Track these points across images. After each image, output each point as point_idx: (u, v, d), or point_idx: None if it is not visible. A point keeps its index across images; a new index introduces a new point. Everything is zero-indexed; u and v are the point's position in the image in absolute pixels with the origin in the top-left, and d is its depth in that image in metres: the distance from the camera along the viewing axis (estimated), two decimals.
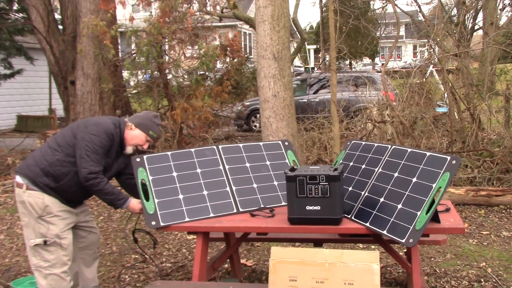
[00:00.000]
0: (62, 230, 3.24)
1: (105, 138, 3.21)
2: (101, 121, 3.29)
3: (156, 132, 3.39)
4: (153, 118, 3.40)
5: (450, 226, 2.90)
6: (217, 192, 3.33)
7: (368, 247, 4.75)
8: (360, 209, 3.04)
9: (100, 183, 3.16)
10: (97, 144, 3.17)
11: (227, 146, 3.64)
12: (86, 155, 3.13)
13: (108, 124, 3.27)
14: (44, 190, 3.20)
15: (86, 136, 3.17)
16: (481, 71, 9.58)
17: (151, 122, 3.37)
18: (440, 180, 2.78)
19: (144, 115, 3.41)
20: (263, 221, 3.09)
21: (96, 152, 3.16)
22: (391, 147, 3.26)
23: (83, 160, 3.13)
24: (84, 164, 3.13)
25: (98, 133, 3.19)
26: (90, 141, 3.16)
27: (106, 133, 3.22)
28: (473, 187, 6.19)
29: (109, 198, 3.23)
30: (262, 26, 6.10)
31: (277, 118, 6.12)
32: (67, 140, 3.23)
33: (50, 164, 3.19)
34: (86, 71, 8.73)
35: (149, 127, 3.35)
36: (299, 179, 2.90)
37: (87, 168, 3.13)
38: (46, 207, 3.20)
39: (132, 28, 8.44)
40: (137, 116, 3.42)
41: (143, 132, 3.34)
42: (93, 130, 3.20)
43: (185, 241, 5.20)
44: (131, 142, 3.34)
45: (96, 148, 3.16)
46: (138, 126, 3.33)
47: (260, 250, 4.84)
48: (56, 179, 3.21)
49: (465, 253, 4.61)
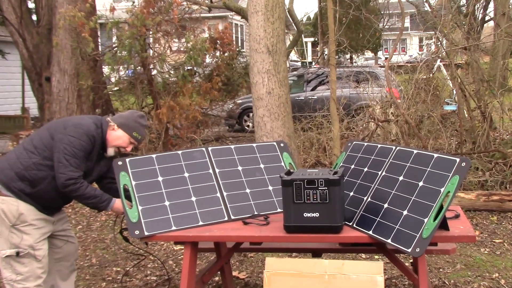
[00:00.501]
0: (37, 241, 3.21)
1: (85, 140, 3.18)
2: (81, 121, 3.26)
3: (140, 133, 3.37)
4: (138, 118, 3.39)
5: (460, 234, 2.91)
6: (206, 198, 3.32)
7: (371, 257, 4.76)
8: (362, 216, 3.04)
9: (80, 188, 3.14)
10: (77, 147, 3.14)
11: (218, 148, 3.64)
12: (65, 159, 3.10)
13: (89, 125, 3.24)
14: (19, 196, 3.16)
15: (64, 138, 3.14)
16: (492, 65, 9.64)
17: (136, 123, 3.36)
18: (448, 184, 2.79)
19: (129, 115, 3.39)
20: (257, 229, 3.09)
21: (76, 156, 3.14)
22: (395, 148, 3.27)
23: (61, 165, 3.10)
24: (62, 170, 3.10)
25: (78, 135, 3.16)
26: (69, 143, 3.13)
27: (87, 135, 3.19)
28: (484, 192, 6.22)
29: (92, 202, 3.21)
30: (255, 17, 6.11)
31: (271, 117, 6.12)
32: (44, 142, 3.21)
33: (26, 167, 3.16)
34: (62, 66, 8.69)
35: (133, 128, 3.34)
36: (296, 183, 2.90)
37: (66, 174, 3.10)
38: (20, 215, 3.16)
39: (113, 20, 8.42)
40: (121, 115, 3.41)
41: (126, 133, 3.33)
42: (72, 132, 3.16)
43: (172, 251, 5.19)
44: (113, 143, 3.32)
45: (75, 151, 3.14)
46: (121, 126, 3.32)
47: (253, 261, 4.83)
48: (32, 184, 3.17)
49: (476, 263, 4.63)
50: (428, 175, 2.93)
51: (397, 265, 3.24)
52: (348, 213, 3.10)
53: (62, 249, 3.47)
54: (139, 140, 3.39)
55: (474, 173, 6.81)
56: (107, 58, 8.14)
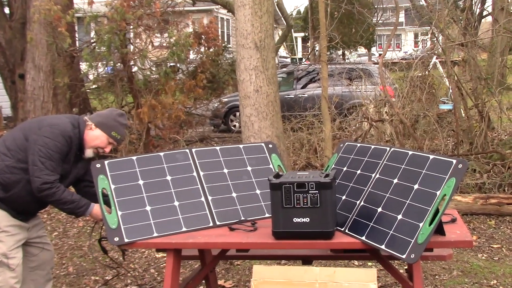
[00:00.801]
0: (10, 248, 3.18)
1: (62, 141, 3.15)
2: (57, 121, 3.23)
3: (120, 133, 3.35)
4: (118, 117, 3.36)
5: (457, 239, 2.93)
6: (190, 202, 3.31)
7: (364, 264, 4.78)
8: (355, 220, 3.05)
9: (56, 193, 3.12)
10: (53, 149, 3.11)
11: (202, 149, 3.63)
12: (40, 162, 3.07)
13: (66, 125, 3.21)
14: None
15: (39, 139, 3.11)
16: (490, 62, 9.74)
17: (115, 122, 3.33)
18: (445, 186, 2.81)
19: (108, 113, 3.37)
20: (244, 236, 3.09)
21: (52, 158, 3.11)
22: (390, 149, 3.28)
23: (36, 168, 3.07)
24: (37, 173, 3.07)
25: (53, 136, 3.13)
26: (44, 145, 3.10)
27: (63, 136, 3.16)
28: (482, 195, 6.28)
29: (69, 208, 3.19)
30: (242, 10, 6.11)
31: (259, 117, 6.12)
32: (17, 143, 3.18)
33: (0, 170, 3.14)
34: (37, 63, 8.63)
35: (112, 127, 3.32)
36: (285, 187, 2.90)
37: (41, 178, 3.07)
38: None
39: (91, 13, 8.36)
40: (99, 114, 3.39)
41: (105, 133, 3.31)
42: (47, 133, 3.13)
43: (154, 259, 5.17)
44: (91, 144, 3.30)
45: (51, 153, 3.11)
46: (99, 125, 3.30)
47: (240, 270, 4.83)
48: (5, 188, 3.15)
49: (473, 270, 4.66)
50: (424, 178, 2.94)
51: (391, 272, 3.25)
52: (340, 218, 3.11)
53: (37, 257, 3.44)
54: (119, 140, 3.38)
55: (471, 175, 6.87)
56: (84, 54, 8.09)
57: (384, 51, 8.71)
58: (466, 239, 2.93)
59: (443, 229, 2.94)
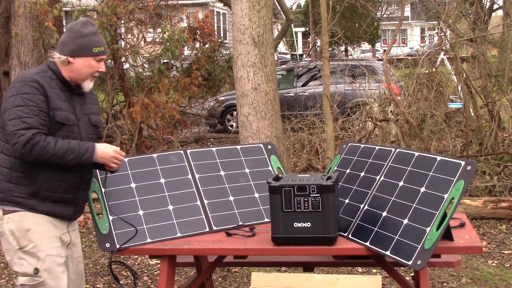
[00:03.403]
0: (57, 262, 2.90)
1: (27, 90, 2.82)
2: (18, 77, 2.95)
3: (99, 43, 2.99)
4: (82, 29, 2.97)
5: (465, 245, 2.94)
6: (185, 206, 3.32)
7: (369, 271, 4.79)
8: (358, 225, 3.06)
9: (45, 146, 2.77)
10: (20, 103, 2.79)
11: (197, 150, 3.64)
12: (11, 124, 2.76)
13: (26, 73, 2.94)
14: (25, 206, 2.85)
15: (6, 103, 2.83)
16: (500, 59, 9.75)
17: (85, 37, 2.95)
18: (453, 189, 2.82)
19: (70, 34, 2.97)
20: (242, 241, 3.10)
21: (30, 113, 2.78)
22: (395, 150, 3.29)
23: (9, 133, 2.76)
24: (13, 138, 2.74)
25: (16, 91, 2.83)
26: (11, 104, 2.80)
27: (27, 84, 2.83)
28: (492, 198, 6.29)
29: (71, 158, 2.83)
30: (239, 4, 6.12)
31: (258, 116, 6.13)
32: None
33: (11, 166, 2.86)
34: (23, 59, 8.61)
35: (87, 45, 2.96)
36: (285, 190, 2.91)
37: (19, 140, 2.73)
38: (27, 231, 2.85)
39: (80, 7, 8.37)
40: (62, 42, 2.99)
41: (86, 57, 2.96)
42: (10, 91, 2.85)
43: (147, 266, 5.17)
44: (81, 76, 2.99)
45: (20, 109, 2.78)
46: (73, 53, 2.94)
47: (238, 277, 4.84)
48: (30, 179, 2.86)
49: (483, 277, 4.68)
50: (431, 180, 2.95)
51: (396, 280, 3.26)
52: (343, 223, 3.12)
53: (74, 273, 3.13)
54: (105, 51, 3.04)
55: (481, 178, 6.88)
56: None
57: (389, 47, 8.73)
58: (475, 244, 2.94)
59: (451, 234, 2.95)
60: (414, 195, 2.95)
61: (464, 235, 3.05)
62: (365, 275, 4.65)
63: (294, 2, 23.08)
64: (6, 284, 4.88)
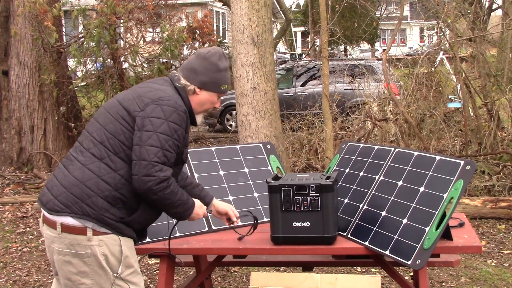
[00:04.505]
0: (143, 286, 2.72)
1: (177, 120, 2.56)
2: (161, 92, 2.61)
3: (227, 81, 2.81)
4: (218, 62, 2.76)
5: (465, 244, 2.94)
6: None
7: (368, 271, 4.79)
8: (357, 225, 3.06)
9: (173, 191, 2.57)
10: (168, 133, 2.52)
11: (197, 150, 3.63)
12: (152, 153, 2.49)
13: (176, 96, 2.63)
14: (119, 230, 2.58)
15: (146, 122, 2.52)
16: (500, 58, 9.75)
17: (219, 72, 2.75)
18: (452, 189, 2.82)
19: (205, 64, 2.74)
20: (241, 241, 3.09)
21: (171, 148, 2.54)
22: (394, 150, 3.29)
23: (146, 164, 2.48)
24: (147, 170, 2.47)
25: (165, 115, 2.53)
26: (155, 129, 2.51)
27: (177, 112, 2.56)
28: (491, 197, 6.29)
29: (178, 211, 2.66)
30: (238, 3, 6.11)
31: (257, 116, 6.13)
32: (120, 139, 2.57)
33: (115, 186, 2.55)
34: (22, 59, 8.62)
35: (219, 81, 2.76)
36: (284, 189, 2.91)
37: (155, 176, 2.48)
38: (125, 258, 2.60)
39: (79, 7, 8.36)
40: (193, 69, 2.74)
41: (213, 92, 2.77)
42: (157, 112, 2.53)
43: (146, 266, 5.17)
44: (200, 109, 2.79)
45: (166, 139, 2.52)
46: (204, 86, 2.73)
47: (237, 276, 4.84)
48: (130, 207, 2.59)
49: (482, 276, 4.68)
50: (430, 180, 2.96)
51: (396, 279, 3.26)
52: (342, 222, 3.12)
53: None
54: (227, 90, 2.85)
55: (480, 177, 6.88)
56: (72, 50, 8.09)
57: (388, 47, 8.73)
58: (474, 244, 2.94)
59: (451, 234, 2.96)
60: (413, 194, 2.96)
61: (463, 234, 3.05)
62: (364, 274, 4.65)
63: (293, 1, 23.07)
64: (5, 284, 4.88)
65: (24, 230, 6.31)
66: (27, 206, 7.21)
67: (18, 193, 7.82)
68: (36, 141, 8.72)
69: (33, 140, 8.73)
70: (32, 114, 8.69)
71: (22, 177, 8.52)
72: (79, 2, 8.60)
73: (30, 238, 6.06)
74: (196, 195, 2.95)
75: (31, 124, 8.71)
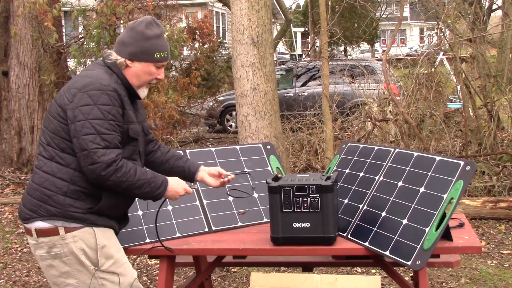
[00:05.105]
0: (134, 276, 2.70)
1: (106, 101, 2.51)
2: (87, 78, 2.55)
3: (163, 49, 2.66)
4: (146, 30, 2.62)
5: (465, 245, 2.94)
6: (184, 207, 3.32)
7: (368, 271, 4.79)
8: (357, 225, 3.06)
9: (126, 173, 2.51)
10: (99, 116, 2.48)
11: (196, 150, 3.63)
12: (90, 141, 2.46)
13: (101, 77, 2.56)
14: (83, 221, 2.56)
15: (77, 113, 2.49)
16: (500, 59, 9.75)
17: (148, 41, 2.62)
18: (452, 189, 2.82)
19: (131, 35, 2.64)
20: (241, 242, 3.09)
21: (109, 129, 2.50)
22: (394, 150, 3.29)
23: (86, 153, 2.45)
24: (91, 158, 2.45)
25: (94, 100, 2.49)
26: (86, 116, 2.47)
27: (105, 93, 2.51)
28: (491, 198, 6.29)
29: (146, 191, 2.60)
30: (238, 4, 6.11)
31: (257, 116, 6.13)
32: (56, 132, 2.58)
33: (71, 179, 2.55)
34: (22, 59, 8.62)
35: (150, 49, 2.63)
36: (284, 190, 2.91)
37: (99, 161, 2.44)
38: (103, 247, 2.60)
39: (79, 7, 8.36)
40: (121, 41, 2.65)
41: (147, 62, 2.65)
42: (83, 99, 2.49)
43: (146, 266, 5.17)
44: (139, 82, 2.68)
45: (100, 123, 2.48)
46: (134, 57, 2.63)
47: (237, 277, 4.84)
48: (91, 195, 2.58)
49: (482, 277, 4.68)
50: (430, 180, 2.96)
51: (395, 280, 3.26)
52: (342, 223, 3.12)
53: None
54: (167, 58, 2.70)
55: (480, 178, 6.88)
56: (72, 50, 8.09)
57: (388, 47, 8.73)
58: (474, 244, 2.94)
59: (450, 234, 2.96)
60: (413, 195, 2.96)
61: (463, 235, 3.05)
62: (364, 275, 4.65)
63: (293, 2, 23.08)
64: (5, 285, 4.88)
65: (24, 231, 6.30)
66: None
67: (18, 194, 7.81)
68: (36, 141, 8.71)
69: (33, 141, 8.72)
70: (32, 114, 8.69)
71: (22, 177, 8.52)
72: (79, 3, 8.60)
73: None
74: (179, 167, 2.96)
75: (31, 124, 8.71)
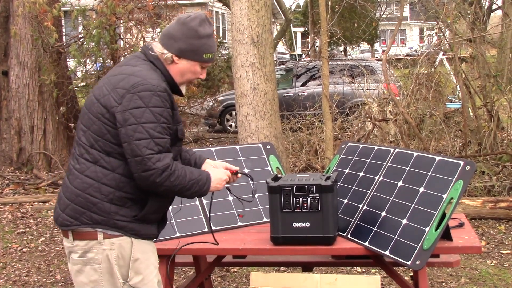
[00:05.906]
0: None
1: (159, 103, 2.37)
2: (135, 78, 2.40)
3: (211, 50, 2.56)
4: (199, 28, 2.50)
5: (464, 245, 2.94)
6: (183, 206, 3.31)
7: (368, 271, 4.79)
8: (357, 225, 3.06)
9: (179, 177, 2.40)
10: (152, 120, 2.35)
11: (196, 150, 3.63)
12: (143, 146, 2.33)
13: (150, 76, 2.42)
14: (126, 230, 2.44)
15: (126, 115, 2.35)
16: (499, 59, 9.76)
17: (200, 39, 2.50)
18: (452, 189, 2.82)
19: (184, 30, 2.49)
20: (241, 241, 3.09)
21: (162, 133, 2.37)
22: (394, 150, 3.29)
23: (140, 159, 2.33)
24: (145, 165, 2.32)
25: (144, 102, 2.34)
26: (138, 118, 2.33)
27: (156, 94, 2.37)
28: (491, 198, 6.29)
29: (195, 190, 2.48)
30: (238, 4, 6.11)
31: (257, 116, 6.13)
32: (101, 134, 2.43)
33: (117, 184, 2.42)
34: (22, 59, 8.62)
35: (200, 48, 2.51)
36: (284, 190, 2.91)
37: (155, 168, 2.32)
38: (134, 262, 2.47)
39: (79, 7, 8.36)
40: (172, 35, 2.51)
41: (194, 61, 2.53)
42: (134, 102, 2.35)
43: None
44: (182, 79, 2.57)
45: (153, 127, 2.34)
46: (183, 54, 2.50)
47: (237, 277, 4.84)
48: (137, 201, 2.45)
49: (482, 277, 4.68)
50: (430, 180, 2.96)
51: (395, 280, 3.26)
52: (342, 223, 3.12)
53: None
54: (213, 59, 2.62)
55: (480, 178, 6.88)
56: (72, 50, 8.09)
57: (388, 47, 8.73)
58: (474, 244, 2.94)
59: (450, 234, 2.96)
60: (413, 195, 2.96)
61: (463, 235, 3.05)
62: (364, 275, 4.65)
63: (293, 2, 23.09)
64: (5, 284, 4.88)
65: (23, 231, 6.30)
66: (27, 206, 7.21)
67: (18, 194, 7.81)
68: (36, 141, 8.72)
69: (32, 141, 8.72)
70: (32, 114, 8.69)
71: (22, 177, 8.52)
72: (79, 3, 8.60)
73: (30, 238, 6.05)
74: (185, 159, 2.83)
75: (31, 124, 8.71)
